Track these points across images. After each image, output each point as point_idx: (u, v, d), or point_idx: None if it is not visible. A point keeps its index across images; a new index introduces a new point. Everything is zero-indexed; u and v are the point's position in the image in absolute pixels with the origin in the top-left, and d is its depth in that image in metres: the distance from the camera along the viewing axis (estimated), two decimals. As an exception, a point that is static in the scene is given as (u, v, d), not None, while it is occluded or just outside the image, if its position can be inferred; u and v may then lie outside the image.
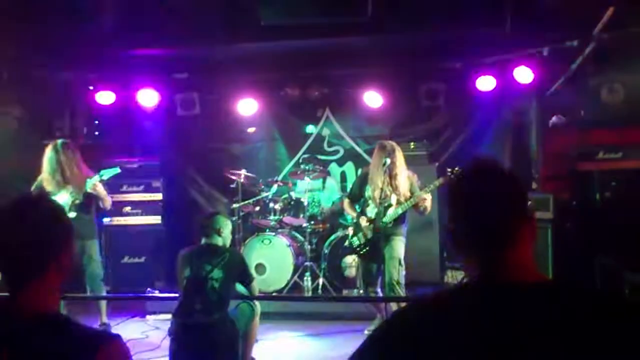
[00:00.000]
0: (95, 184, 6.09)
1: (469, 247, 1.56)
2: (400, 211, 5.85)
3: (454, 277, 7.79)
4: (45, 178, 6.14)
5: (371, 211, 6.00)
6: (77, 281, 6.32)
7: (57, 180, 6.10)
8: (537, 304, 1.38)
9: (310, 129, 9.42)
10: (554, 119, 7.82)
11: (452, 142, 8.73)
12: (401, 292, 5.82)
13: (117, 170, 6.39)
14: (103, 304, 6.51)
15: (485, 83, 7.94)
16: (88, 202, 6.24)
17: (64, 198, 6.06)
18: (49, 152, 6.15)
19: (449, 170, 5.79)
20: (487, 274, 1.49)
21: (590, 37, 6.35)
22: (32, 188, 6.19)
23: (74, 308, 6.14)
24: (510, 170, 1.59)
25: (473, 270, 1.53)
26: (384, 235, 5.83)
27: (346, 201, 6.47)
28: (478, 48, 7.59)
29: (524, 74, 7.55)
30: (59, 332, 1.65)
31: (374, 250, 5.90)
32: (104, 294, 6.66)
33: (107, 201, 6.34)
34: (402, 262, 5.89)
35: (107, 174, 6.25)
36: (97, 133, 8.98)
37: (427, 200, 5.82)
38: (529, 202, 1.65)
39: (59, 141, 6.26)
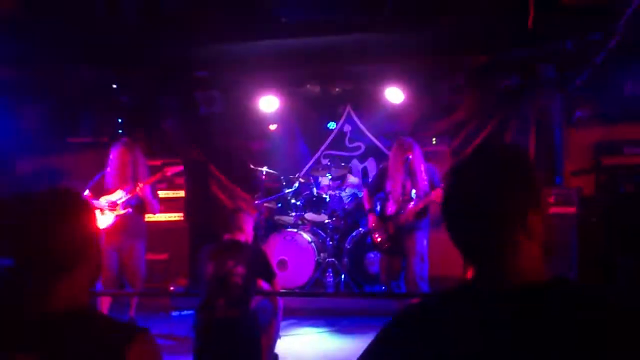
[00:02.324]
0: (141, 187, 6.16)
1: (464, 249, 1.46)
2: (421, 205, 5.84)
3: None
4: (110, 174, 6.22)
5: (392, 206, 5.99)
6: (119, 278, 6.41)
7: (120, 179, 6.18)
8: (535, 308, 1.32)
9: (332, 125, 9.42)
10: (577, 113, 7.74)
11: (474, 138, 8.65)
12: (424, 287, 5.81)
13: (180, 168, 6.60)
14: (134, 300, 6.56)
15: (508, 78, 7.87)
16: (141, 202, 6.31)
17: (120, 195, 6.15)
18: (118, 149, 6.24)
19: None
20: (487, 277, 1.41)
21: (615, 30, 6.25)
22: (91, 183, 6.29)
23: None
24: (524, 157, 1.45)
25: (474, 269, 1.45)
26: (406, 229, 5.81)
27: (365, 192, 6.47)
28: (500, 42, 7.52)
29: (546, 68, 7.47)
30: (89, 325, 1.67)
31: (396, 245, 5.89)
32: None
33: (153, 206, 6.39)
34: (425, 257, 5.87)
35: (170, 171, 6.42)
36: (120, 131, 9.06)
37: None
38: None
39: (127, 140, 6.38)
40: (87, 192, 6.21)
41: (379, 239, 6.06)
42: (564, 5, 5.79)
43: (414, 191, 5.86)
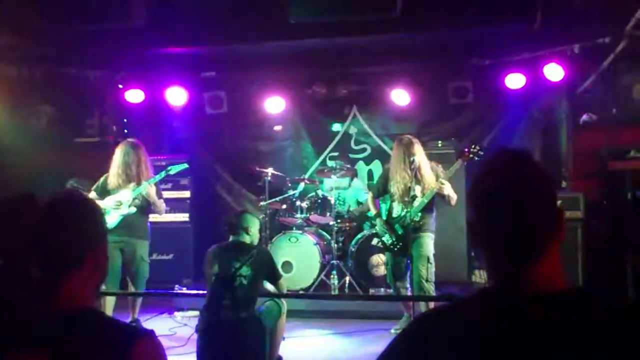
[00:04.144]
0: (148, 187, 6.17)
1: (490, 256, 1.45)
2: (425, 200, 5.82)
3: (481, 277, 7.74)
4: (114, 174, 6.24)
5: (397, 206, 5.98)
6: (124, 279, 6.41)
7: (125, 178, 6.19)
8: (558, 315, 1.31)
9: (337, 127, 9.42)
10: (584, 117, 7.71)
11: (481, 141, 8.59)
12: (431, 289, 5.79)
13: (185, 165, 6.66)
14: (138, 301, 6.55)
15: (515, 80, 7.85)
16: (146, 203, 6.31)
17: (126, 196, 6.15)
18: (123, 149, 6.27)
19: (466, 149, 5.77)
20: (510, 284, 1.40)
21: (622, 33, 6.23)
22: (95, 185, 6.31)
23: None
24: (541, 165, 1.43)
25: (495, 277, 1.45)
26: (412, 229, 5.79)
27: (370, 195, 6.46)
28: (507, 45, 7.51)
29: (554, 71, 7.45)
30: (95, 327, 1.68)
31: (404, 246, 5.89)
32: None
33: (159, 206, 6.40)
34: (432, 259, 5.85)
35: (175, 169, 6.49)
36: (126, 131, 9.06)
37: (446, 187, 5.75)
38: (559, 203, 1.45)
39: (132, 140, 6.40)
40: (92, 193, 6.22)
41: (389, 242, 6.05)
42: (572, 9, 5.77)
43: (417, 188, 5.84)
